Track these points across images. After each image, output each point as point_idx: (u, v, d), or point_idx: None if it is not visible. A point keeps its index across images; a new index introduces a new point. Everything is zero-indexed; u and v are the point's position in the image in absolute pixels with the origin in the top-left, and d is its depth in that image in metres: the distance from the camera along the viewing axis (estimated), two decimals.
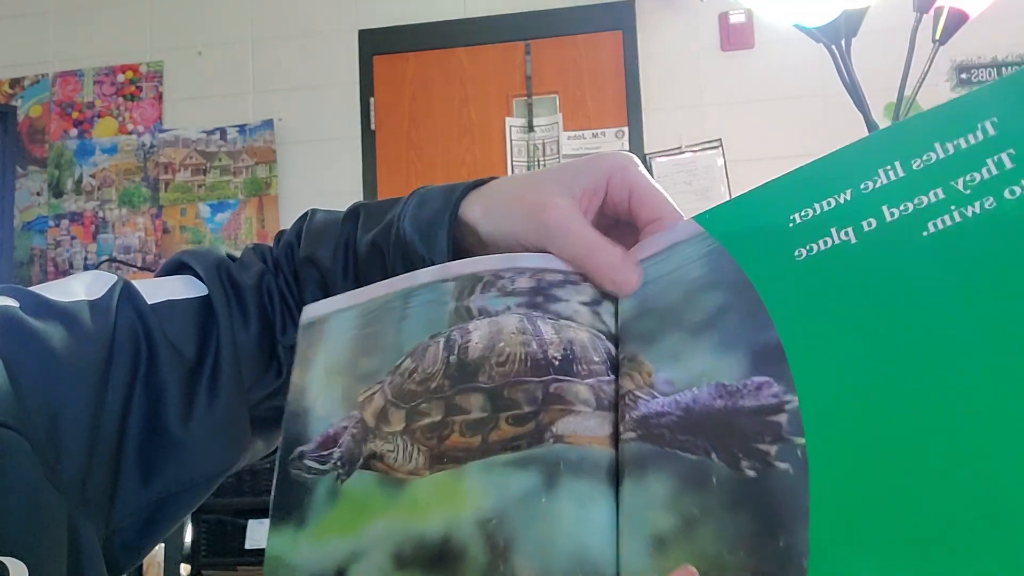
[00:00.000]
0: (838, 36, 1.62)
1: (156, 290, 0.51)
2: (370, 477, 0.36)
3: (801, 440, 0.29)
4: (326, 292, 0.54)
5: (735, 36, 3.14)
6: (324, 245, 0.55)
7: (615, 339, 0.38)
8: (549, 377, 0.35)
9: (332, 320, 0.44)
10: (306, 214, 0.59)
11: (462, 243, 0.49)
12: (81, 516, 0.42)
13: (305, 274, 0.55)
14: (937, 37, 1.63)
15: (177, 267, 0.56)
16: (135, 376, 0.46)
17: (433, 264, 0.47)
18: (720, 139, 3.10)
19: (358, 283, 0.53)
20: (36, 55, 3.44)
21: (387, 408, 0.38)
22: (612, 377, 0.36)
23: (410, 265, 0.50)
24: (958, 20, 1.61)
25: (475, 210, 0.48)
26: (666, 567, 0.29)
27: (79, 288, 0.48)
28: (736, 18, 3.13)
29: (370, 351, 0.41)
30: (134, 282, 0.51)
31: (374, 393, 0.39)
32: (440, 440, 0.35)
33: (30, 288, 0.46)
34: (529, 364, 0.36)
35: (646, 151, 3.13)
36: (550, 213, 0.43)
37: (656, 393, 0.34)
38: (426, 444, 0.36)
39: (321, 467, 0.38)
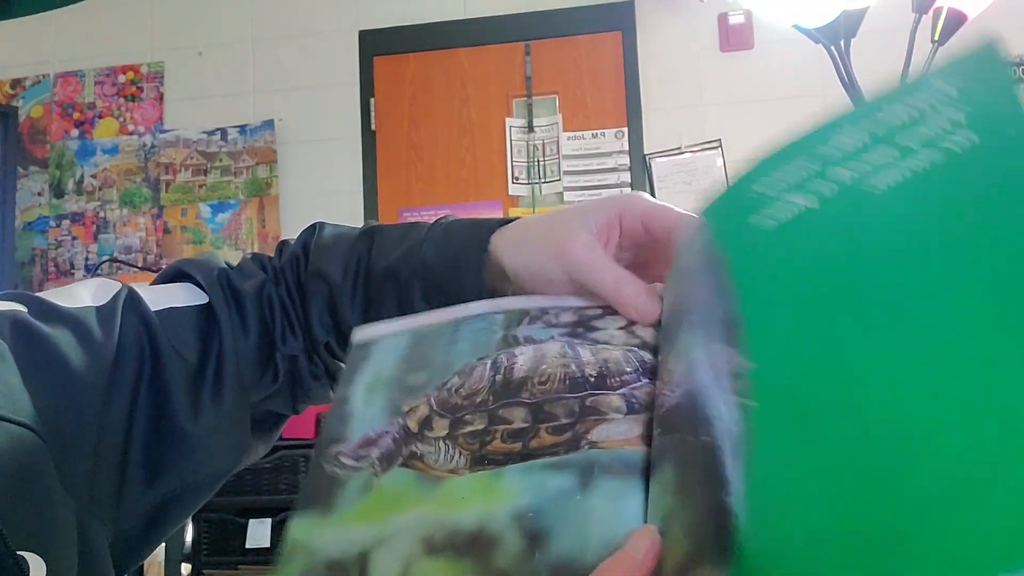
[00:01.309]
0: (837, 37, 1.62)
1: (158, 297, 0.53)
2: (407, 474, 0.38)
3: (752, 403, 0.30)
4: (334, 307, 0.56)
5: (734, 37, 3.15)
6: (333, 261, 0.57)
7: (654, 349, 0.41)
8: (585, 393, 0.38)
9: (381, 342, 0.47)
10: (313, 227, 0.60)
11: (486, 275, 0.52)
12: (89, 516, 0.43)
13: (313, 287, 0.57)
14: (936, 38, 1.63)
15: (175, 275, 0.57)
16: (140, 379, 0.48)
17: (460, 295, 0.50)
18: (720, 139, 3.10)
19: (368, 302, 0.55)
20: (37, 55, 3.45)
21: (431, 416, 0.40)
22: (645, 381, 0.39)
23: (430, 294, 0.52)
24: (957, 21, 1.61)
25: (499, 243, 0.51)
26: (666, 544, 0.31)
27: (85, 294, 0.49)
28: (735, 19, 3.14)
29: (418, 368, 0.44)
30: (139, 288, 0.52)
31: (419, 404, 0.41)
32: (482, 445, 0.38)
33: (36, 294, 0.47)
34: (568, 383, 0.39)
35: (646, 151, 3.14)
36: (575, 248, 0.46)
37: (674, 388, 0.36)
38: (468, 448, 0.38)
39: (356, 464, 0.39)
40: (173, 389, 0.49)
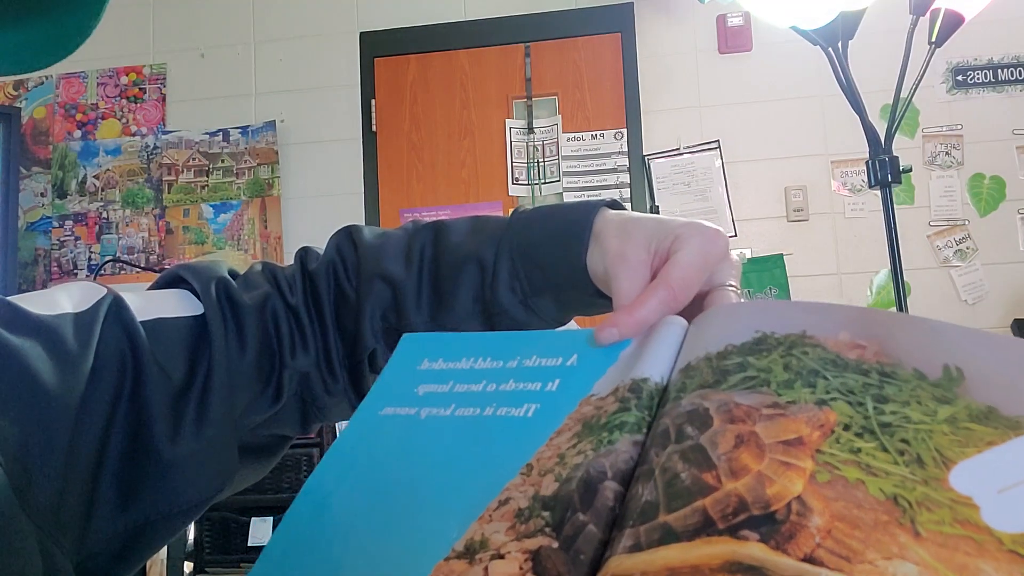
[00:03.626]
0: (835, 38, 1.63)
1: (148, 306, 0.49)
2: None
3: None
4: (396, 306, 0.54)
5: (733, 38, 3.16)
6: (392, 258, 0.55)
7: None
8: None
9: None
10: (345, 232, 0.58)
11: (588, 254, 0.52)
12: (52, 543, 0.40)
13: (370, 290, 0.54)
14: (933, 39, 1.65)
15: (173, 280, 0.54)
16: (118, 396, 0.45)
17: (559, 272, 0.51)
18: (718, 140, 3.12)
19: (437, 293, 0.54)
20: None
21: None
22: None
23: (524, 273, 0.52)
24: (954, 22, 1.63)
25: (598, 225, 0.51)
26: None
27: (64, 300, 0.46)
28: (734, 20, 3.16)
29: None
30: (127, 295, 0.49)
31: None
32: None
33: (9, 299, 0.44)
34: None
35: (645, 152, 3.15)
36: (621, 266, 0.47)
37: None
38: None
39: None
40: (153, 409, 0.45)
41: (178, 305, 0.51)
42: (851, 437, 0.30)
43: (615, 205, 0.53)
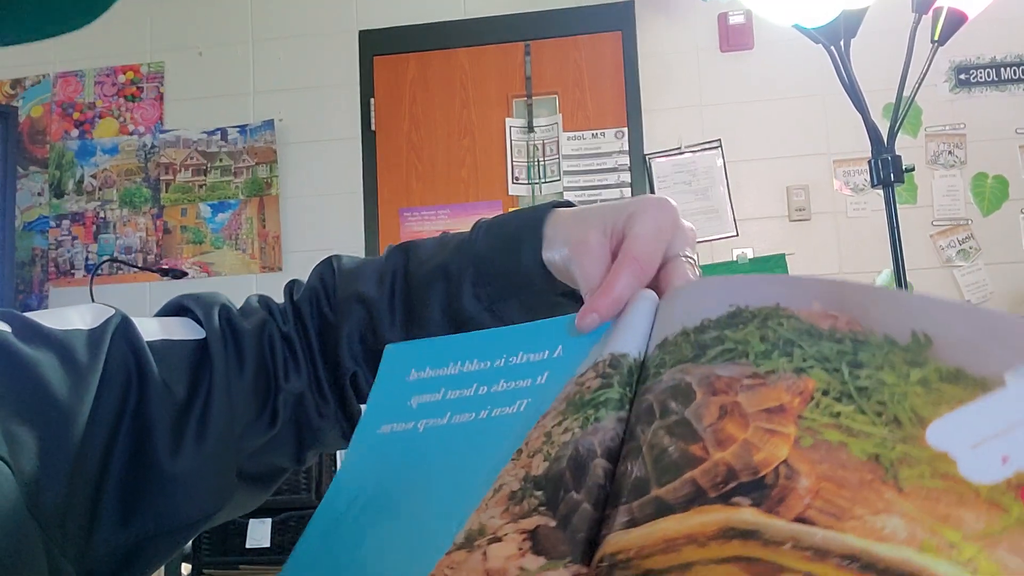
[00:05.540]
0: (837, 37, 1.63)
1: (155, 328, 0.52)
2: None
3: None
4: (371, 326, 0.56)
5: (734, 37, 3.15)
6: (366, 280, 0.57)
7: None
8: None
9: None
10: (327, 261, 0.60)
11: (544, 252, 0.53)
12: (58, 551, 0.41)
13: (346, 312, 0.56)
14: (936, 38, 1.64)
15: (177, 309, 0.56)
16: (123, 410, 0.46)
17: (517, 274, 0.52)
18: (719, 139, 3.11)
19: (409, 312, 0.55)
20: (37, 56, 3.45)
21: None
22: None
23: (484, 281, 0.53)
24: (957, 21, 1.62)
25: (549, 225, 0.53)
26: None
27: (75, 318, 0.48)
28: (735, 19, 3.14)
29: None
30: (134, 318, 0.51)
31: None
32: None
33: (24, 314, 0.46)
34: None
35: (646, 151, 3.14)
36: (582, 252, 0.48)
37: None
38: None
39: None
40: (156, 424, 0.47)
41: (183, 330, 0.53)
42: (830, 402, 0.31)
43: (568, 205, 0.54)
